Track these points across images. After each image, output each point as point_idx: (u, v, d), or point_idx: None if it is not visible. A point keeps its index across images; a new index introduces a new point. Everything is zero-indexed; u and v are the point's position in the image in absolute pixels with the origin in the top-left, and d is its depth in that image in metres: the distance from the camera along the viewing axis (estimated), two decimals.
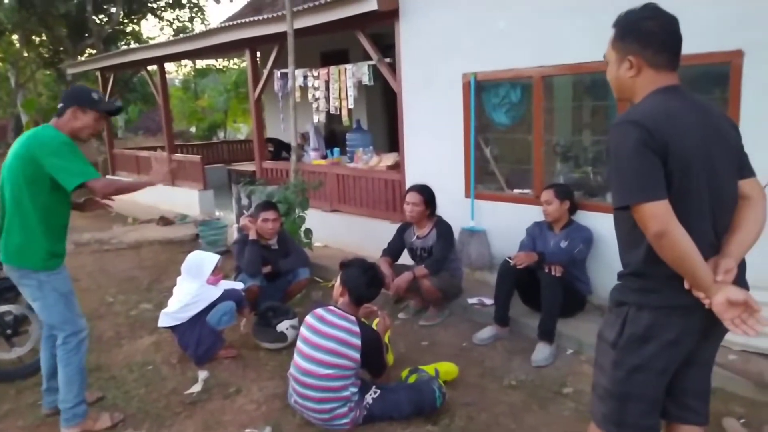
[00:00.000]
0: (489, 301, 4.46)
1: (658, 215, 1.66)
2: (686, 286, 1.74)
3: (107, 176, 3.19)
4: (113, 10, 15.61)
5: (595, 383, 2.02)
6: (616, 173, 1.74)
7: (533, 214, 4.52)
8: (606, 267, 4.13)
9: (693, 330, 1.82)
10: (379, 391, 3.10)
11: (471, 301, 4.63)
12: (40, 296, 3.04)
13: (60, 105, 3.06)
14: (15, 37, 16.98)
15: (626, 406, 1.90)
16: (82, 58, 13.96)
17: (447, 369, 3.53)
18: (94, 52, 15.04)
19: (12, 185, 2.94)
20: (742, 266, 1.83)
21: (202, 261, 4.04)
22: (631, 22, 1.83)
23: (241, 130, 21.90)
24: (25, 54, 17.59)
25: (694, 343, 1.85)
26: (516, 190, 5.00)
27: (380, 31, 6.16)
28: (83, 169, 2.90)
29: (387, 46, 5.99)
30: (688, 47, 1.85)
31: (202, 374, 3.71)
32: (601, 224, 4.18)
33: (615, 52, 1.88)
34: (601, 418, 1.98)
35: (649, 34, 1.80)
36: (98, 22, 15.53)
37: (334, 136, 9.16)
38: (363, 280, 3.18)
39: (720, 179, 1.79)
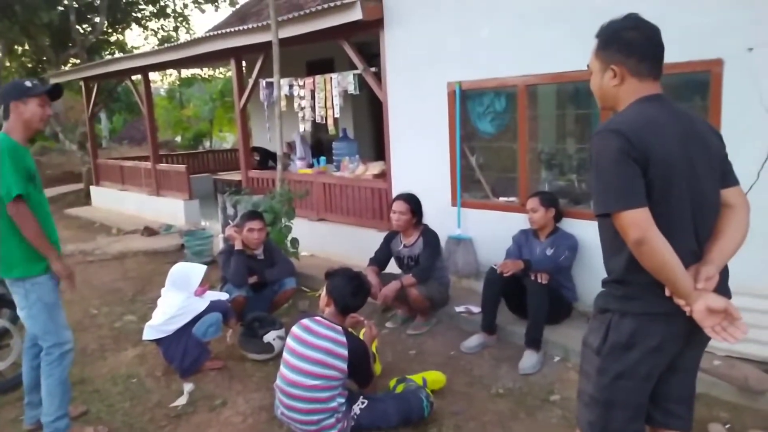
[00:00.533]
0: (476, 309, 4.47)
1: (638, 223, 1.68)
2: (667, 293, 1.76)
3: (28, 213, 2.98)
4: (97, 19, 15.49)
5: (581, 390, 2.03)
6: (597, 181, 1.77)
7: (519, 221, 4.55)
8: (591, 274, 4.16)
9: (675, 336, 1.83)
10: (366, 402, 3.08)
11: (458, 309, 4.63)
12: (25, 305, 3.01)
13: (1, 107, 3.04)
14: None
15: (611, 412, 1.91)
16: (66, 68, 13.83)
17: (435, 378, 3.52)
18: (77, 61, 14.92)
19: None
20: (724, 273, 1.85)
21: (188, 272, 4.01)
22: (614, 32, 1.86)
23: (227, 139, 21.84)
24: (8, 63, 17.40)
25: (677, 349, 1.87)
26: (502, 198, 5.02)
27: (365, 40, 6.19)
28: (15, 182, 2.83)
29: (372, 55, 6.02)
30: (668, 56, 1.88)
31: (188, 387, 3.67)
32: (586, 231, 4.21)
33: (598, 61, 1.90)
34: (587, 424, 1.99)
35: (631, 44, 1.82)
36: (82, 31, 15.41)
37: (320, 145, 9.16)
38: (348, 290, 3.16)
39: (702, 187, 1.81)
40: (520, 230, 4.43)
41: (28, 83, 3.03)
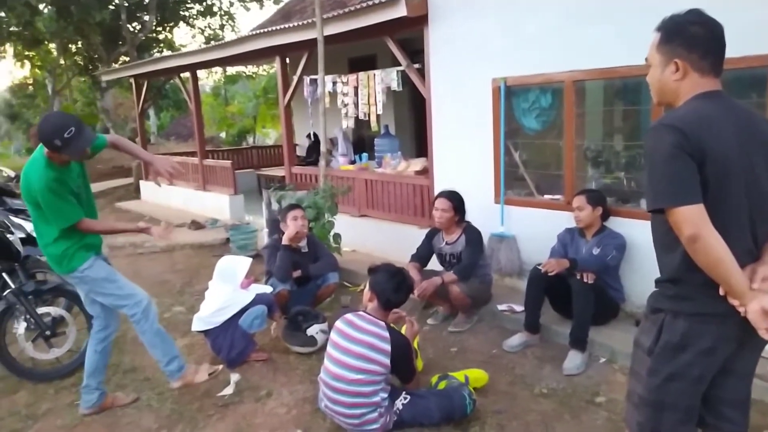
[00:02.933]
0: (519, 308, 4.43)
1: (692, 219, 1.65)
2: (721, 292, 1.72)
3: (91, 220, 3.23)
4: (146, 18, 15.95)
5: (630, 391, 2.01)
6: (651, 176, 1.74)
7: (564, 220, 4.48)
8: (640, 274, 4.08)
9: (729, 338, 1.79)
10: (408, 397, 3.10)
11: (500, 307, 4.60)
12: (89, 289, 3.26)
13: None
14: (52, 45, 17.49)
15: (661, 414, 1.88)
16: (116, 66, 14.29)
17: (477, 376, 3.51)
18: (127, 59, 15.39)
19: (27, 203, 3.14)
20: None
21: (235, 265, 4.11)
22: (678, 26, 1.82)
23: (270, 135, 22.20)
24: (62, 62, 18.12)
25: (731, 351, 1.83)
26: (546, 196, 4.95)
27: (409, 37, 6.18)
28: (64, 215, 3.05)
29: (415, 52, 6.01)
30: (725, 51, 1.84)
31: (234, 377, 3.76)
32: (635, 231, 4.12)
33: (659, 54, 1.86)
34: (636, 426, 1.96)
35: (695, 39, 1.79)
36: (132, 30, 15.89)
37: (361, 141, 9.22)
38: (390, 285, 3.18)
39: (760, 185, 1.76)
40: (565, 229, 4.37)
41: (57, 142, 2.85)
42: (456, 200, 4.46)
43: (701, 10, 1.82)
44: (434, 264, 4.68)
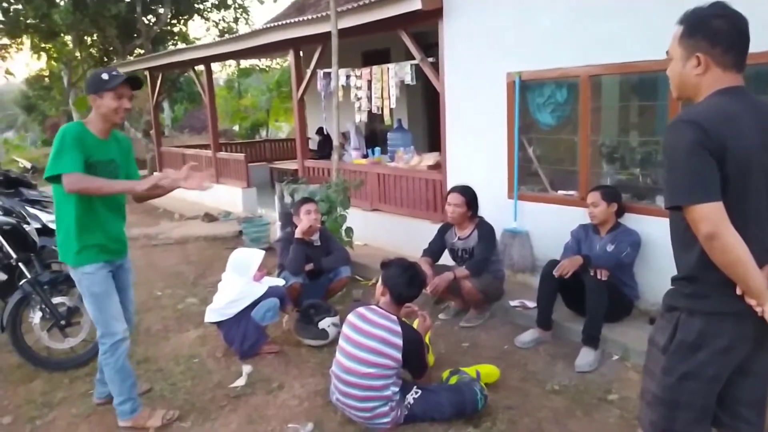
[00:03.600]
0: (531, 304, 4.41)
1: (710, 217, 1.63)
2: (738, 291, 1.70)
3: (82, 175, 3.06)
4: (161, 11, 16.04)
5: (644, 389, 1.99)
6: (670, 173, 1.72)
7: (578, 216, 4.45)
8: (655, 272, 4.04)
9: (746, 338, 1.77)
10: (420, 392, 3.10)
11: (513, 303, 4.58)
12: (80, 292, 3.12)
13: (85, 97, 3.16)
14: (68, 38, 17.63)
15: (675, 413, 1.87)
16: (131, 58, 14.38)
17: (488, 371, 3.50)
18: (142, 52, 15.49)
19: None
20: None
21: (248, 257, 4.12)
22: (701, 19, 1.78)
23: (282, 129, 22.23)
24: (78, 54, 18.25)
25: (748, 351, 1.80)
26: (560, 192, 4.92)
27: (423, 30, 6.15)
28: (58, 161, 2.80)
29: (429, 45, 5.98)
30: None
31: (246, 369, 3.79)
32: (650, 228, 4.08)
33: (681, 48, 1.83)
34: (649, 424, 1.95)
35: (718, 33, 1.75)
36: (147, 22, 15.99)
37: (374, 135, 9.21)
38: (403, 280, 3.18)
39: None
40: (579, 225, 4.33)
41: (105, 75, 2.95)
42: (469, 195, 4.44)
43: (725, 3, 1.78)
44: (446, 259, 4.66)
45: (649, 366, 1.97)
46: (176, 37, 18.68)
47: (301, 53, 7.77)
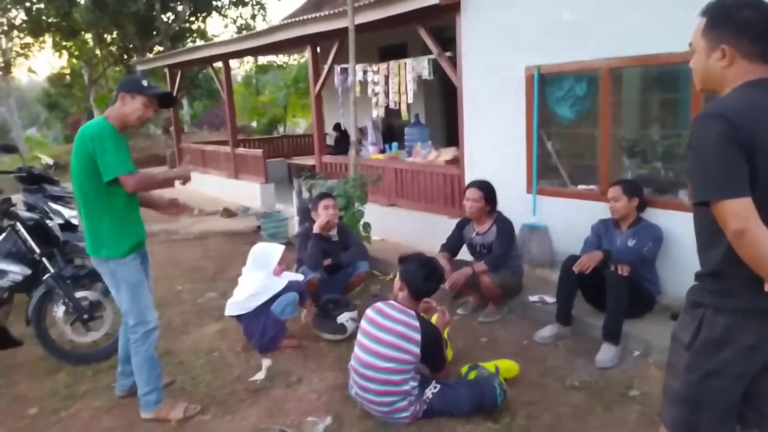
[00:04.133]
0: (550, 299, 4.38)
1: (740, 212, 1.59)
2: (766, 288, 1.66)
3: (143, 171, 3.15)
4: (180, 8, 16.18)
5: (667, 386, 1.96)
6: (697, 168, 1.67)
7: (598, 210, 4.40)
8: (677, 267, 3.99)
9: None
10: (438, 387, 3.10)
11: (532, 298, 4.55)
12: (113, 284, 3.16)
13: (114, 93, 3.22)
14: (89, 36, 17.87)
15: (699, 411, 1.83)
16: (151, 56, 14.53)
17: (507, 366, 3.49)
18: (161, 49, 15.63)
19: (77, 178, 3.05)
20: None
21: (268, 252, 4.15)
22: (726, 9, 1.73)
23: (300, 124, 22.32)
24: (98, 52, 18.51)
25: None
26: (580, 186, 4.87)
27: (440, 25, 6.12)
28: (118, 161, 2.93)
29: (447, 40, 5.95)
30: None
31: (266, 362, 3.81)
32: (672, 222, 4.03)
33: (705, 40, 1.78)
34: (671, 422, 1.92)
35: (745, 23, 1.70)
36: (165, 20, 16.13)
37: (391, 130, 9.20)
38: (421, 274, 3.17)
39: None
40: (599, 219, 4.29)
41: (145, 82, 3.14)
42: (487, 190, 4.41)
43: None
44: (464, 254, 4.65)
45: (672, 363, 1.93)
46: (195, 35, 18.84)
47: (318, 49, 7.78)
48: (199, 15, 18.28)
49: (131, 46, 17.12)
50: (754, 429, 1.93)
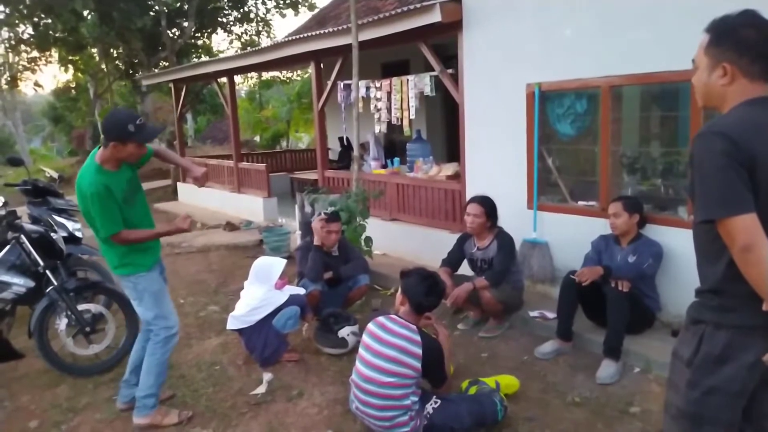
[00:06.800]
0: (551, 315, 4.38)
1: (747, 228, 1.59)
2: (765, 307, 1.67)
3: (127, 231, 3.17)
4: (185, 24, 16.34)
5: (668, 402, 1.96)
6: (701, 186, 1.68)
7: (598, 226, 4.42)
8: (677, 283, 3.99)
9: None
10: (439, 402, 3.10)
11: (532, 314, 4.56)
12: (136, 296, 3.30)
13: (102, 137, 3.22)
14: (95, 50, 18.05)
15: (700, 428, 1.83)
16: (156, 71, 14.66)
17: (508, 382, 3.49)
18: (167, 64, 15.77)
19: (87, 215, 3.19)
20: None
21: (270, 266, 4.18)
22: (729, 28, 1.75)
23: (303, 139, 22.43)
24: (104, 66, 18.67)
25: None
26: (581, 202, 4.89)
27: (442, 42, 6.20)
28: (103, 225, 3.09)
29: (448, 57, 6.02)
30: None
31: (267, 376, 3.82)
32: (672, 239, 4.04)
33: (707, 57, 1.80)
34: None
35: (746, 42, 1.73)
36: (171, 36, 16.29)
37: (393, 146, 9.26)
38: (422, 289, 3.19)
39: None
40: (599, 235, 4.31)
41: (131, 127, 3.00)
42: (488, 206, 4.44)
43: (755, 12, 1.75)
44: (465, 269, 4.66)
45: (673, 379, 1.94)
46: (200, 50, 19.00)
47: (321, 65, 7.86)
48: (204, 31, 18.46)
49: (137, 61, 17.28)
50: None
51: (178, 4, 15.92)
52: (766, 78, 1.75)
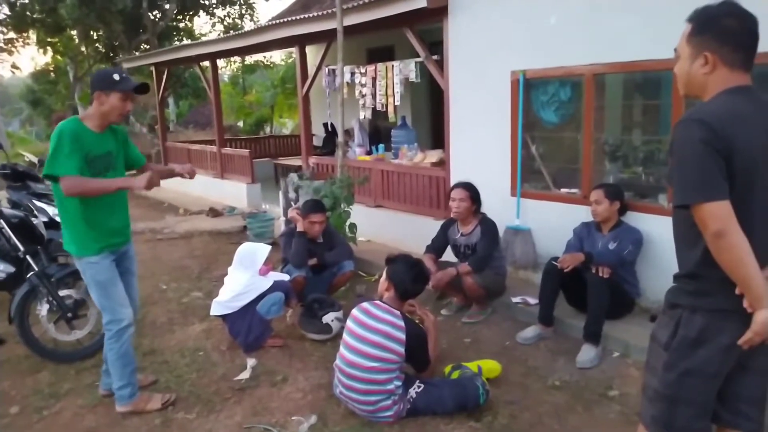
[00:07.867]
0: (533, 301, 4.44)
1: (719, 215, 1.64)
2: (737, 291, 1.72)
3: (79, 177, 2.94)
4: (167, 6, 16.08)
5: (645, 384, 2.01)
6: (678, 171, 1.72)
7: (580, 213, 4.47)
8: (656, 269, 4.06)
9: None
10: (422, 386, 3.13)
11: (515, 299, 4.61)
12: (85, 281, 3.19)
13: (89, 92, 3.17)
14: (74, 32, 17.69)
15: (676, 408, 1.89)
16: (137, 54, 14.43)
17: (490, 366, 3.54)
18: (148, 47, 15.52)
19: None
20: None
21: (254, 252, 4.16)
22: (711, 18, 1.78)
23: (287, 125, 22.24)
24: (83, 49, 18.32)
25: (749, 348, 1.82)
26: (563, 190, 4.94)
27: (427, 28, 6.18)
28: (55, 162, 2.88)
29: (434, 43, 6.00)
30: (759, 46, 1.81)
31: (251, 362, 3.82)
32: (652, 226, 4.11)
33: (689, 47, 1.83)
34: (650, 419, 1.97)
35: (728, 32, 1.76)
36: (153, 18, 16.03)
37: (377, 132, 9.24)
38: (409, 276, 3.22)
39: None
40: (581, 222, 4.36)
41: (116, 76, 3.01)
42: (473, 191, 4.47)
43: (736, 2, 1.78)
44: (449, 255, 4.69)
45: (651, 362, 1.99)
46: (182, 33, 18.74)
47: (306, 50, 7.79)
48: (186, 13, 18.20)
49: (117, 43, 17.00)
50: (729, 427, 1.99)
51: None
52: (746, 67, 1.79)
